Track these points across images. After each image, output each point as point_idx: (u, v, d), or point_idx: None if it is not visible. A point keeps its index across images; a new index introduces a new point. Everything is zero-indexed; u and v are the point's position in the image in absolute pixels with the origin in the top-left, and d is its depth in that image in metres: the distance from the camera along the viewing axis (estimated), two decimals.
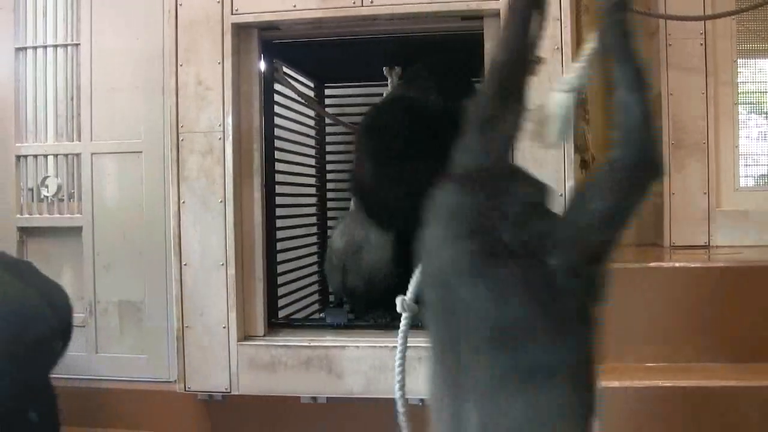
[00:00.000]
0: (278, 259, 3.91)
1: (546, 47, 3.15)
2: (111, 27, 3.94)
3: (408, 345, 2.68)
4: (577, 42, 3.52)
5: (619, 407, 2.98)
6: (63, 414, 3.28)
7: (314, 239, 4.24)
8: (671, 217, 3.93)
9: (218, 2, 3.40)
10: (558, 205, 2.83)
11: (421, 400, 3.32)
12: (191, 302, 3.46)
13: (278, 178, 3.91)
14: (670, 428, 2.99)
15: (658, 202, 4.02)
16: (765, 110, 4.11)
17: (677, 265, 3.31)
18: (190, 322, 3.46)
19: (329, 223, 4.73)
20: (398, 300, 2.57)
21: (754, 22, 3.98)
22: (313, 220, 4.40)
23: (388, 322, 3.55)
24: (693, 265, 3.31)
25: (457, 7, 3.32)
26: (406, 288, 2.64)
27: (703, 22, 3.85)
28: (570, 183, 3.14)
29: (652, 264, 3.35)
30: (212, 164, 3.39)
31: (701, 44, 3.89)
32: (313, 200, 4.46)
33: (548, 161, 3.15)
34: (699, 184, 3.91)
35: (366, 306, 3.79)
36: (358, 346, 3.33)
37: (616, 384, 3.01)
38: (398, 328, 3.07)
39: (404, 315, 2.59)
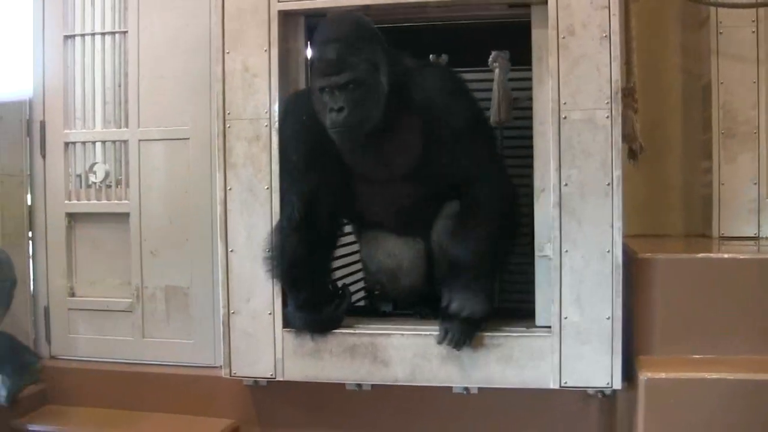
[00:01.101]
0: None
1: (594, 35, 3.13)
2: (158, 14, 3.96)
3: None
4: (626, 30, 3.50)
5: (666, 399, 2.97)
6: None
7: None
8: (720, 207, 3.89)
9: None
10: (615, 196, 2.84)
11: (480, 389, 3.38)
12: (237, 288, 3.47)
13: None
14: (717, 421, 2.97)
15: (707, 193, 3.98)
16: None
17: (726, 256, 3.28)
18: (236, 308, 3.47)
19: None
20: None
21: None
22: None
23: (428, 312, 3.53)
24: (742, 257, 3.28)
25: None
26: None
27: (755, 9, 3.80)
28: (617, 173, 3.11)
29: (701, 255, 3.32)
30: (259, 151, 3.39)
31: (753, 32, 3.84)
32: None
33: (596, 150, 3.13)
34: (749, 174, 3.87)
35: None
36: (403, 334, 3.32)
37: (662, 376, 2.99)
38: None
39: None
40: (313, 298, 3.40)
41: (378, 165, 3.28)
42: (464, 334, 3.24)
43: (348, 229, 3.79)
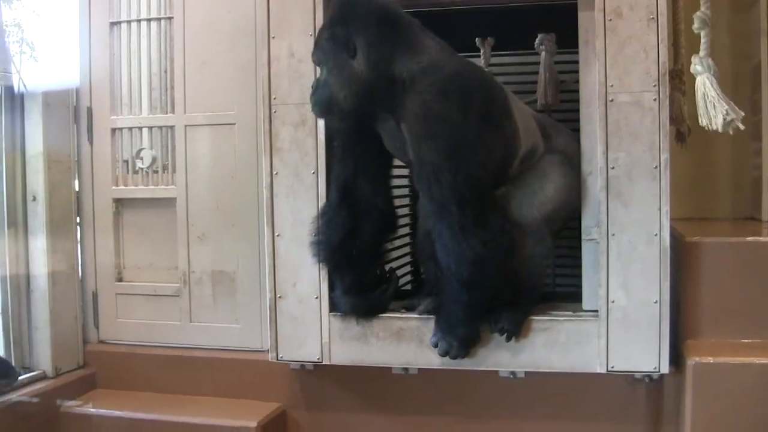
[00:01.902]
0: None
1: (641, 17, 3.11)
2: (203, 0, 3.98)
3: None
4: (673, 11, 3.46)
5: (714, 384, 2.95)
6: None
7: (407, 210, 4.22)
8: None
9: None
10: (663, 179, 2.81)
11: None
12: (284, 273, 3.48)
13: None
14: (766, 406, 2.95)
15: (756, 176, 3.95)
16: None
17: None
18: (283, 293, 3.49)
19: None
20: None
21: None
22: (406, 191, 4.38)
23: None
24: None
25: None
26: None
27: None
28: (665, 156, 3.09)
29: (749, 238, 3.29)
30: (304, 136, 3.39)
31: None
32: (406, 171, 4.46)
33: (643, 133, 3.11)
34: None
35: None
36: None
37: (710, 360, 2.97)
38: None
39: None
40: (359, 283, 3.39)
41: (396, 150, 3.24)
42: (516, 324, 3.24)
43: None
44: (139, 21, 4.14)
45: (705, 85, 2.95)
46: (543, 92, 3.91)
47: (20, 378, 3.88)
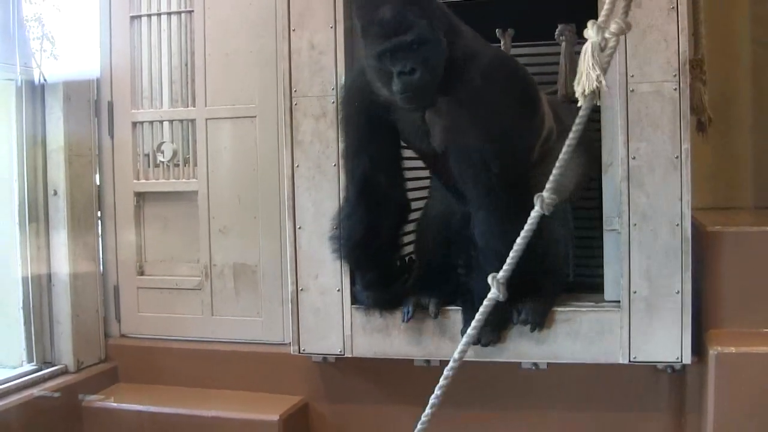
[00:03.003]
0: None
1: (661, 6, 3.10)
2: None
3: None
4: (693, 1, 3.45)
5: (736, 373, 2.95)
6: None
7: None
8: None
9: None
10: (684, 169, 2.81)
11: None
12: (306, 265, 3.49)
13: None
14: None
15: None
16: None
17: None
18: (305, 285, 3.50)
19: None
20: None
21: None
22: (425, 183, 4.38)
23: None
24: None
25: None
26: None
27: None
28: (686, 145, 3.08)
29: None
30: (326, 128, 3.40)
31: None
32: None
33: (664, 123, 3.10)
34: None
35: None
36: None
37: (732, 350, 2.97)
38: None
39: None
40: (380, 277, 3.39)
41: (416, 140, 3.21)
42: (540, 314, 3.24)
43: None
44: (159, 14, 4.16)
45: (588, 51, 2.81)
46: (564, 83, 3.89)
47: (42, 372, 3.91)
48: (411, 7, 2.88)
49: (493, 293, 2.83)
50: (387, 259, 3.43)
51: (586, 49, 2.26)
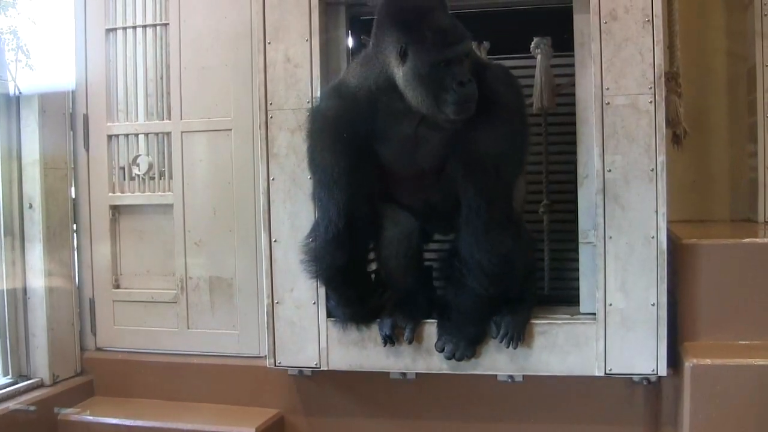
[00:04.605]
0: None
1: (637, 19, 3.12)
2: (199, 6, 3.97)
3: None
4: (669, 14, 3.47)
5: (712, 385, 2.96)
6: None
7: None
8: (766, 192, 3.86)
9: None
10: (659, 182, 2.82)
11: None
12: (281, 278, 3.49)
13: None
14: (764, 407, 2.95)
15: (753, 177, 3.95)
16: None
17: None
18: (280, 298, 3.49)
19: None
20: None
21: None
22: None
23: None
24: None
25: None
26: None
27: None
28: (661, 158, 3.09)
29: (746, 240, 3.31)
30: (301, 141, 3.37)
31: None
32: None
33: (639, 136, 3.12)
34: None
35: None
36: None
37: (708, 362, 2.98)
38: None
39: None
40: (358, 295, 3.38)
41: (403, 157, 3.14)
42: (518, 328, 3.25)
43: None
44: (134, 27, 4.14)
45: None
46: (539, 96, 3.90)
47: (18, 385, 3.89)
48: (454, 17, 2.91)
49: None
50: (364, 279, 3.42)
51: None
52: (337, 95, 3.11)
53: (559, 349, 3.24)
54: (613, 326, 3.17)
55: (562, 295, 3.72)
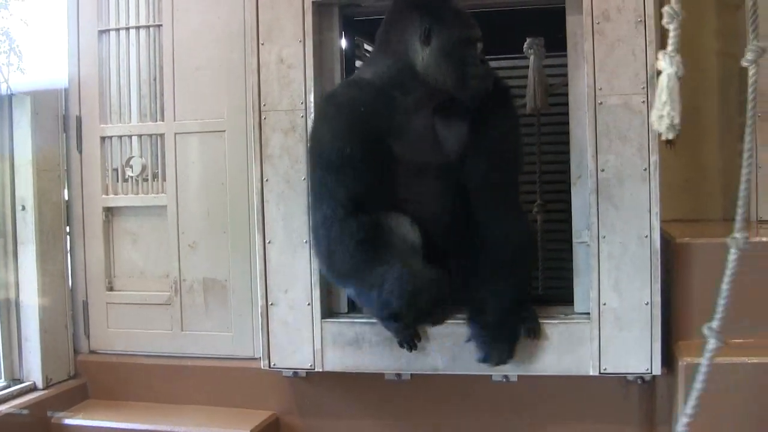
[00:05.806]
0: None
1: (629, 19, 3.12)
2: (193, 7, 3.96)
3: None
4: (660, 16, 3.47)
5: (706, 384, 2.95)
6: None
7: None
8: (758, 191, 3.86)
9: None
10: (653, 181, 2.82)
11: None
12: (275, 279, 3.49)
13: None
14: (758, 405, 2.96)
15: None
16: None
17: (764, 239, 3.25)
18: (275, 300, 3.49)
19: None
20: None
21: None
22: None
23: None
24: None
25: None
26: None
27: None
28: (654, 158, 3.10)
29: None
30: (295, 142, 3.40)
31: None
32: None
33: (632, 136, 3.12)
34: None
35: None
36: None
37: (700, 360, 2.98)
38: None
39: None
40: None
41: (420, 150, 3.14)
42: (536, 320, 3.28)
43: None
44: (127, 29, 4.13)
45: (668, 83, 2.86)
46: (532, 96, 3.92)
47: (11, 389, 3.88)
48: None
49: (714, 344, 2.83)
50: None
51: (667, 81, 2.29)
52: (357, 87, 3.14)
53: (554, 348, 3.24)
54: (607, 325, 3.17)
55: (556, 294, 3.72)
